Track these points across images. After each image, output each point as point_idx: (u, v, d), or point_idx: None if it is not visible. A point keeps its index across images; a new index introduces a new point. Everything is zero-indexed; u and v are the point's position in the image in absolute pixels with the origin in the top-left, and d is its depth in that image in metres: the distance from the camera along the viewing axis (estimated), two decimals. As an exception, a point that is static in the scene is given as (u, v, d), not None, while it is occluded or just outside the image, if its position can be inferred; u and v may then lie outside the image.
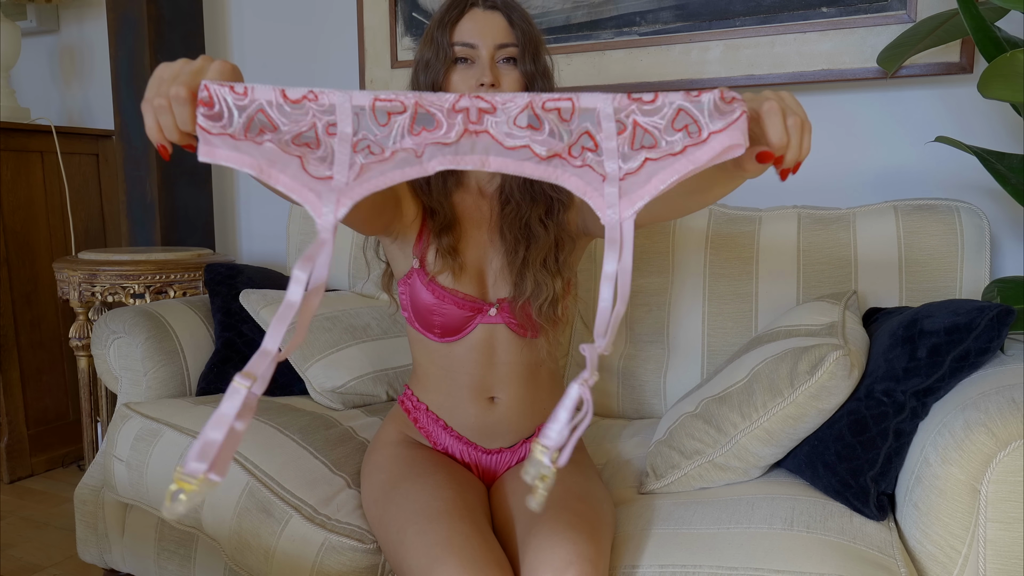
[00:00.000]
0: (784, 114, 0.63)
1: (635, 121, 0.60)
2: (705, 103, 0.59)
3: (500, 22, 1.03)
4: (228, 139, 0.59)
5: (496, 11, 1.04)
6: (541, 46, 1.06)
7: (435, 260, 1.07)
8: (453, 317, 1.06)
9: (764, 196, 1.68)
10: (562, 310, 1.08)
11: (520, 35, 1.04)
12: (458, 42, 1.02)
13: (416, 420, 1.14)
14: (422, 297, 1.06)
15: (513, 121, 0.59)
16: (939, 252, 1.34)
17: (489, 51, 1.02)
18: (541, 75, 1.06)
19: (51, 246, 2.32)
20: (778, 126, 0.63)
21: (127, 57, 2.16)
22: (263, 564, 1.13)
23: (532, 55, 1.04)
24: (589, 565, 0.86)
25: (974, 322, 1.01)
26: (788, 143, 0.64)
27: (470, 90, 1.03)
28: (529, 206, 1.07)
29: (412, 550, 0.90)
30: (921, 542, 0.93)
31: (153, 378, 1.49)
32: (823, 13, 1.54)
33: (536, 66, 1.05)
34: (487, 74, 1.01)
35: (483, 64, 1.02)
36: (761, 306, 1.45)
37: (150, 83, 0.64)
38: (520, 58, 1.04)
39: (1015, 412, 0.86)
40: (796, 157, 0.65)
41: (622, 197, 0.59)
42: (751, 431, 1.06)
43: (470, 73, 1.03)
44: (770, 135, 0.63)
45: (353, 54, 2.11)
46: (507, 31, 1.03)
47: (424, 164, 0.59)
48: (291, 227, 1.92)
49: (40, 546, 1.83)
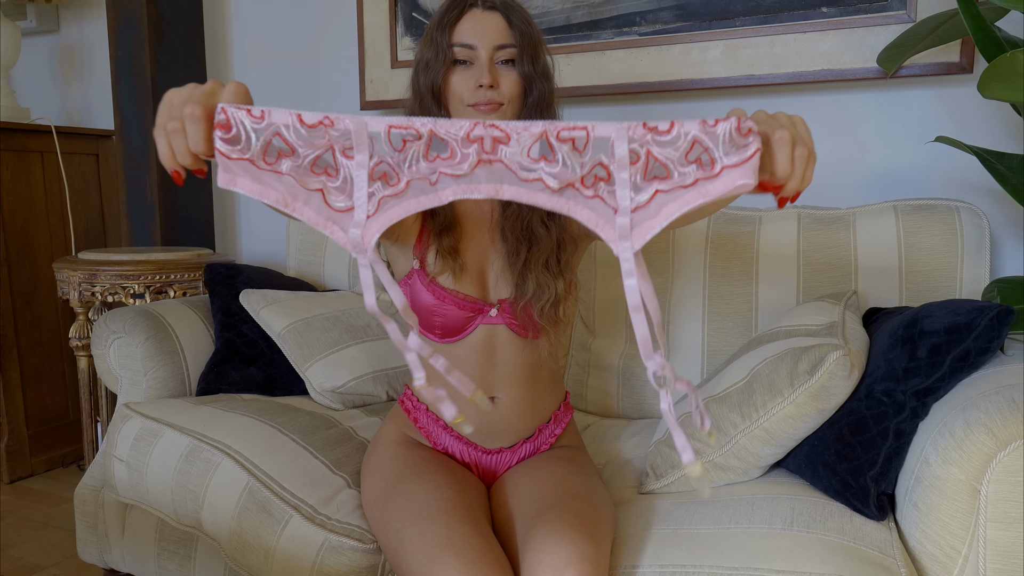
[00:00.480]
0: (794, 145, 0.63)
1: (648, 151, 0.60)
2: (721, 134, 0.59)
3: (499, 23, 1.03)
4: (248, 165, 0.60)
5: (495, 12, 1.04)
6: (541, 46, 1.06)
7: (435, 261, 1.06)
8: (454, 318, 1.06)
9: (764, 196, 1.68)
10: (563, 311, 1.08)
11: (519, 36, 1.03)
12: (457, 43, 1.02)
13: (416, 420, 1.14)
14: (422, 297, 1.06)
15: (527, 152, 0.60)
16: (939, 252, 1.34)
17: (488, 52, 1.02)
18: (540, 76, 1.06)
19: (51, 246, 2.32)
20: (786, 158, 0.63)
21: (127, 57, 2.16)
22: (263, 564, 1.13)
23: (531, 56, 1.04)
24: (589, 565, 0.86)
25: (974, 322, 1.01)
26: (792, 174, 0.64)
27: (469, 90, 1.03)
28: (530, 207, 1.07)
29: (412, 550, 0.90)
30: (921, 542, 0.93)
31: (153, 378, 1.49)
32: (823, 13, 1.54)
33: (535, 67, 1.05)
34: (485, 75, 1.01)
35: (482, 65, 1.02)
36: (761, 306, 1.45)
37: (160, 109, 0.64)
38: (519, 59, 1.03)
39: (1015, 412, 0.86)
40: (797, 187, 0.65)
41: (633, 228, 0.59)
42: (751, 431, 1.06)
43: (469, 74, 1.03)
44: (777, 165, 0.63)
45: (353, 54, 2.11)
46: (506, 32, 1.03)
47: (439, 193, 0.60)
48: (291, 227, 1.93)
49: (40, 546, 1.83)
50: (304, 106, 2.22)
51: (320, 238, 1.87)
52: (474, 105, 1.03)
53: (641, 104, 1.78)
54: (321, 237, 1.87)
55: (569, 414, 1.19)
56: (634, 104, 1.78)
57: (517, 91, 1.04)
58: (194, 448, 1.27)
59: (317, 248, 1.88)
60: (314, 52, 2.18)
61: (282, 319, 1.52)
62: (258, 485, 1.17)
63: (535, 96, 1.06)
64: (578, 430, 1.24)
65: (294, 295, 1.62)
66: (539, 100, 1.06)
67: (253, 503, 1.16)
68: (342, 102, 2.15)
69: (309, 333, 1.51)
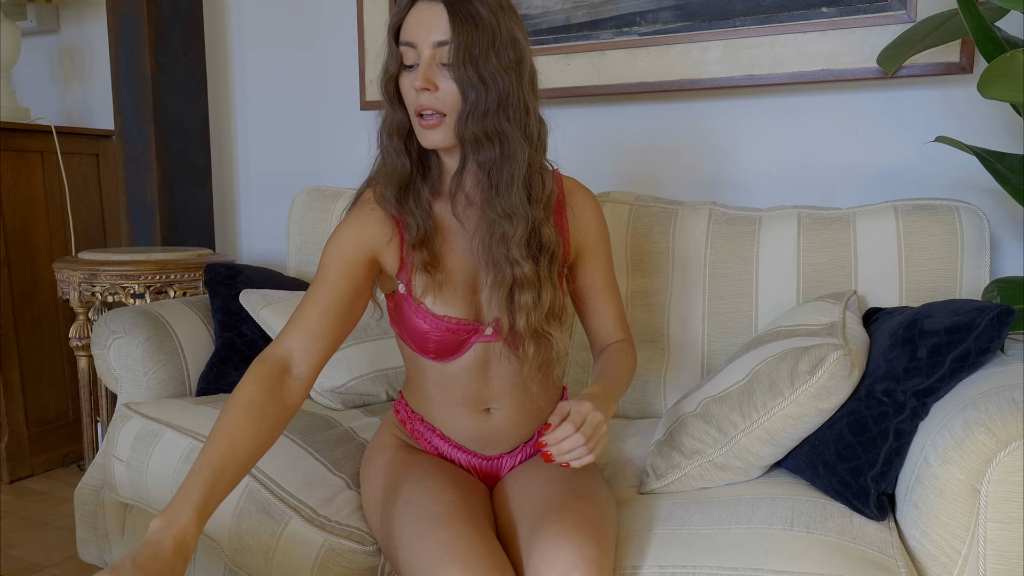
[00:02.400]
0: None
1: None
2: None
3: (439, 15, 0.90)
4: None
5: (438, 2, 0.91)
6: (496, 43, 0.90)
7: (419, 282, 1.01)
8: (448, 342, 1.03)
9: (764, 196, 1.68)
10: (559, 325, 1.04)
11: (458, 30, 0.89)
12: (402, 41, 0.93)
13: (412, 431, 1.13)
14: (415, 323, 1.02)
15: None
16: (939, 252, 1.34)
17: (428, 50, 0.91)
18: (487, 79, 0.90)
19: (51, 246, 2.32)
20: None
21: (127, 57, 2.16)
22: (263, 565, 1.13)
23: (471, 54, 0.89)
24: (594, 568, 0.85)
25: (974, 322, 1.01)
26: None
27: (412, 96, 0.94)
28: (507, 224, 0.97)
29: (414, 555, 0.90)
30: (921, 542, 0.93)
31: (153, 378, 1.49)
32: (823, 13, 1.54)
33: (479, 71, 0.89)
34: (418, 77, 0.91)
35: (422, 65, 0.91)
36: (761, 306, 1.44)
37: None
38: (454, 58, 0.90)
39: (1015, 412, 0.86)
40: None
41: None
42: (751, 431, 1.06)
43: (411, 77, 0.93)
44: None
45: (353, 54, 2.11)
46: (444, 26, 0.90)
47: None
48: (291, 227, 1.92)
49: (40, 546, 1.83)
50: (304, 105, 2.22)
51: (320, 238, 1.87)
52: (418, 115, 0.94)
53: (641, 104, 1.78)
54: (321, 237, 1.87)
55: (569, 414, 1.19)
56: (634, 104, 1.78)
57: (453, 99, 0.92)
58: (194, 448, 1.27)
59: (317, 248, 1.88)
60: (314, 52, 2.18)
61: (282, 319, 1.52)
62: (257, 486, 1.17)
63: (468, 106, 0.91)
64: (578, 430, 1.24)
65: (294, 295, 1.62)
66: (474, 110, 0.91)
67: (253, 504, 1.16)
68: (342, 102, 2.15)
69: (309, 333, 1.51)
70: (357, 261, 0.98)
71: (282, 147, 2.28)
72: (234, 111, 2.35)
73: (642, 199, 1.59)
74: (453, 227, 1.04)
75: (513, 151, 0.93)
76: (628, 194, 1.61)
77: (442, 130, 0.94)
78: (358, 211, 1.02)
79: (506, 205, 0.95)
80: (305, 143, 2.24)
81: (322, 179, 2.20)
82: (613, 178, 1.82)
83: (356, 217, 1.01)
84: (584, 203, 1.12)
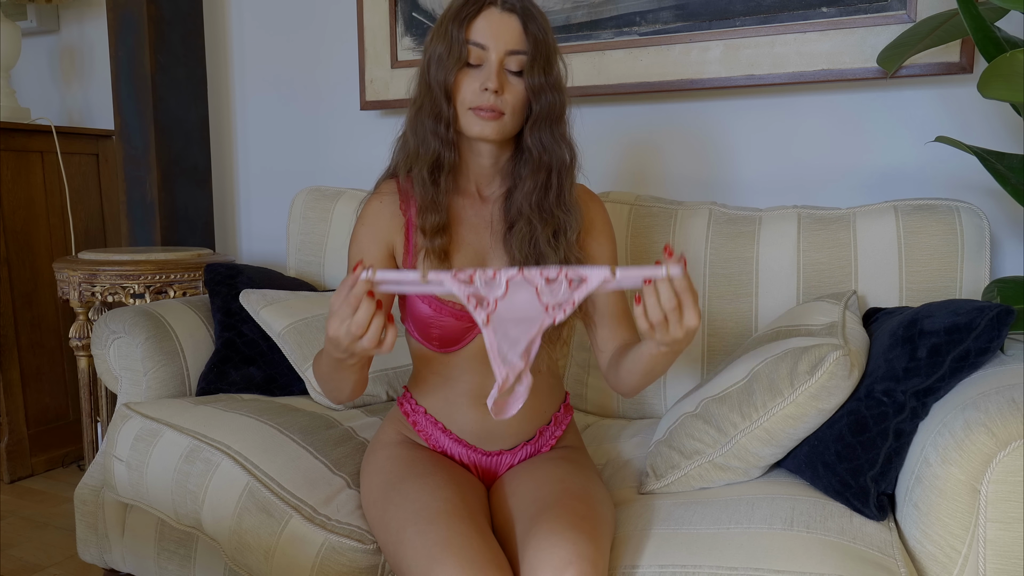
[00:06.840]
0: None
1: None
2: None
3: (515, 27, 1.00)
4: None
5: (513, 14, 1.01)
6: (554, 56, 1.04)
7: (426, 267, 1.05)
8: (451, 329, 1.06)
9: (764, 196, 1.68)
10: (566, 330, 1.07)
11: (532, 44, 1.00)
12: (471, 40, 1.00)
13: (415, 423, 1.14)
14: (419, 308, 1.06)
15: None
16: (939, 252, 1.34)
17: (499, 55, 1.00)
18: (552, 88, 1.03)
19: (51, 246, 2.32)
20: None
21: (127, 57, 2.16)
22: (263, 564, 1.13)
23: (543, 67, 1.01)
24: (589, 565, 0.86)
25: (974, 322, 1.01)
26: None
27: (473, 92, 1.01)
28: (540, 225, 1.05)
29: (411, 551, 0.90)
30: (921, 542, 0.93)
31: (153, 378, 1.49)
32: (823, 13, 1.54)
33: (547, 78, 1.02)
34: (492, 79, 0.99)
35: (491, 68, 1.00)
36: (761, 306, 1.44)
37: None
38: (528, 68, 1.01)
39: (1015, 412, 0.86)
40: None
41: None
42: (751, 431, 1.06)
43: (475, 75, 1.01)
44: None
45: (353, 54, 2.11)
46: (520, 37, 1.00)
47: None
48: (291, 227, 1.92)
49: (40, 546, 1.83)
50: (304, 105, 2.22)
51: (320, 238, 1.87)
52: (475, 109, 1.01)
53: (641, 104, 1.78)
54: (321, 237, 1.87)
55: (569, 415, 1.19)
56: (634, 104, 1.78)
57: (520, 102, 1.02)
58: (194, 448, 1.27)
59: (317, 248, 1.88)
60: (314, 52, 2.18)
61: (282, 319, 1.52)
62: (258, 485, 1.17)
63: (542, 107, 1.03)
64: (578, 431, 1.24)
65: (294, 295, 1.62)
66: (547, 112, 1.03)
67: (253, 503, 1.16)
68: (342, 102, 2.15)
69: (309, 333, 1.51)
70: (379, 261, 1.08)
71: (282, 147, 2.28)
72: (234, 111, 2.35)
73: (642, 199, 1.59)
74: (463, 218, 1.09)
75: (564, 156, 1.06)
76: (628, 194, 1.61)
77: (499, 124, 1.02)
78: (369, 208, 1.11)
79: (551, 206, 1.05)
80: (305, 143, 2.24)
81: (322, 179, 2.20)
82: (613, 178, 1.82)
83: (368, 215, 1.10)
84: (595, 211, 1.17)
